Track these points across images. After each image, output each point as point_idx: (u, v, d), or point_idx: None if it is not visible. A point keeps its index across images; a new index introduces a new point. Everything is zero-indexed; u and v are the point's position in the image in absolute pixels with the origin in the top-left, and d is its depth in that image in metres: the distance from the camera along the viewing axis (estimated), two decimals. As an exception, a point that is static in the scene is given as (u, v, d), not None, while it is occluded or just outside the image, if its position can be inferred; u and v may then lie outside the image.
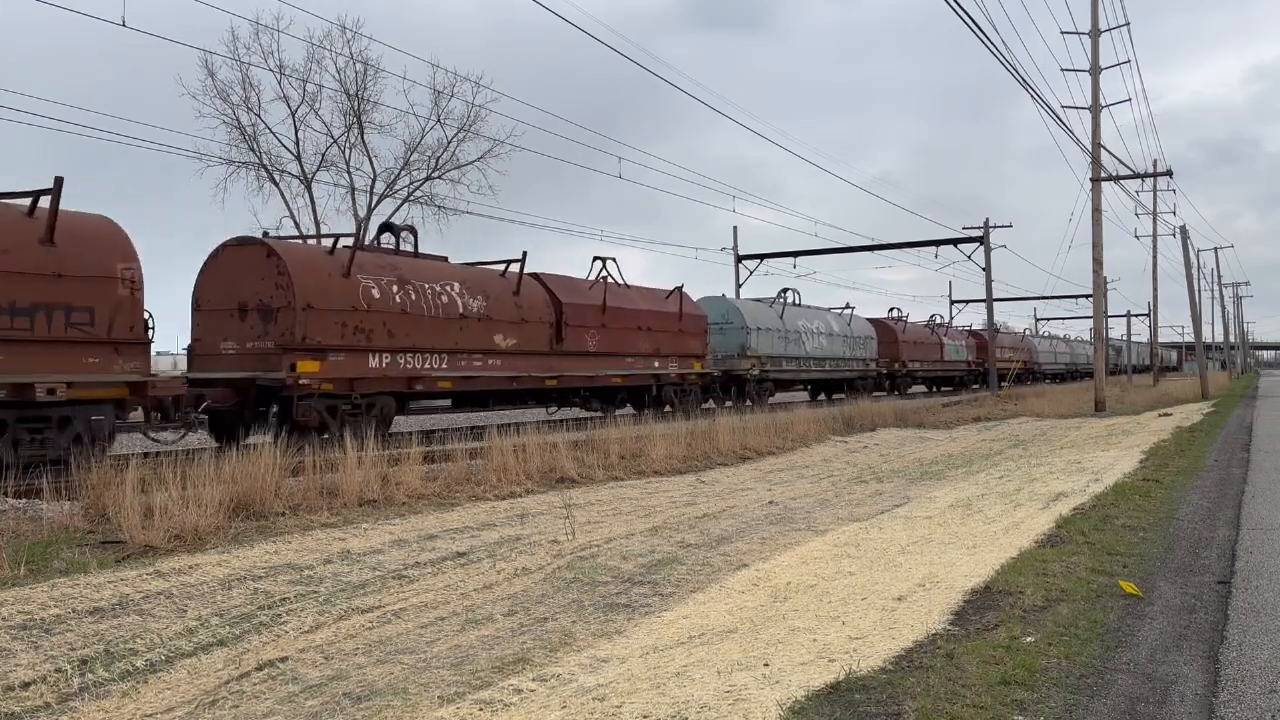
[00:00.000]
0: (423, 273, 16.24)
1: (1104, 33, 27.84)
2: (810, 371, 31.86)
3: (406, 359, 15.35)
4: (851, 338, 34.89)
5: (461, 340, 16.48)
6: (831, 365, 33.23)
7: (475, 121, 36.99)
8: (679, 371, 22.95)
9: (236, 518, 8.20)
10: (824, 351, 32.43)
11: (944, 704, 3.60)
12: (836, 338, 33.57)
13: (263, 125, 35.68)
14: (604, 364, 20.23)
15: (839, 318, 34.88)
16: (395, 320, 15.14)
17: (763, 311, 29.59)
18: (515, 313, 17.88)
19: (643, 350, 21.55)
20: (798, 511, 9.67)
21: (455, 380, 16.37)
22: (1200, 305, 46.88)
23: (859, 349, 35.41)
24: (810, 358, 31.51)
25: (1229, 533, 7.52)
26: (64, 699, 4.50)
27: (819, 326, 32.51)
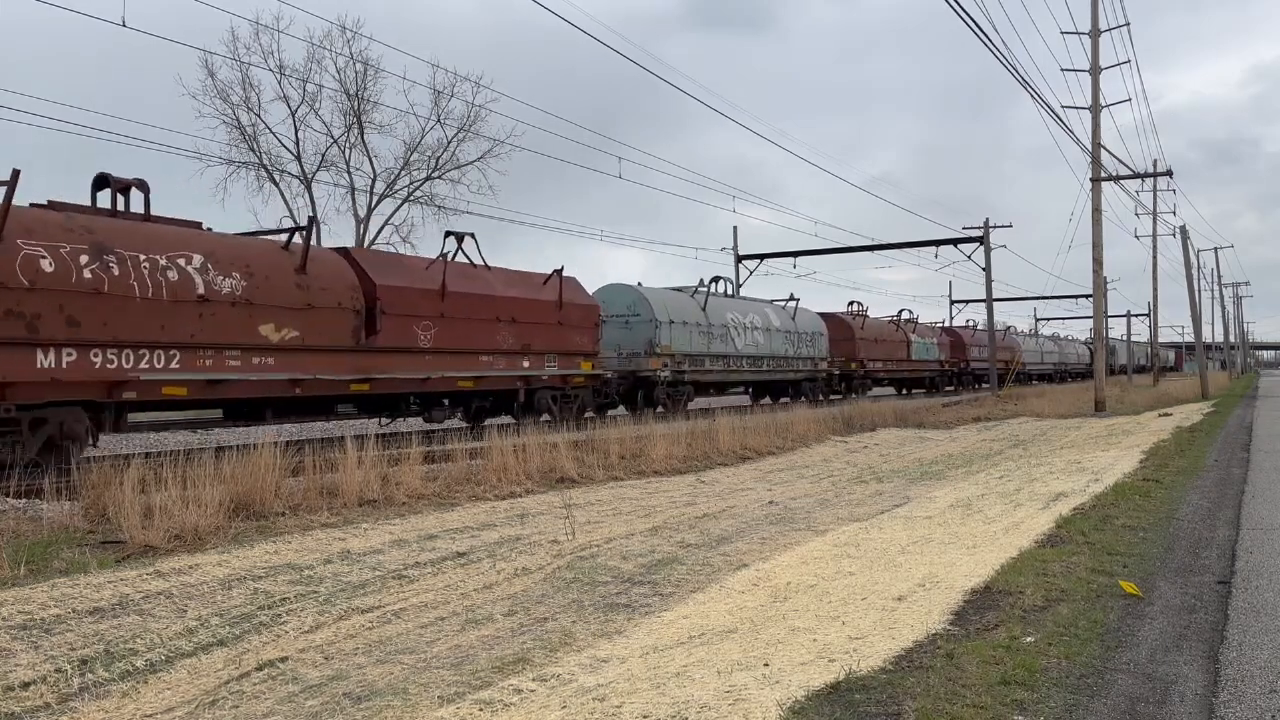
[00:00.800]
0: (139, 240, 11.76)
1: (1104, 33, 27.86)
2: (742, 372, 27.77)
3: (106, 356, 11.18)
4: (796, 334, 30.54)
5: (203, 331, 12.14)
6: (771, 365, 29.10)
7: (475, 121, 37.06)
8: (559, 373, 18.87)
9: (236, 518, 8.20)
10: (761, 349, 28.30)
11: (944, 704, 3.60)
12: (777, 333, 29.28)
13: (263, 125, 35.73)
14: (444, 363, 15.94)
15: (781, 310, 30.67)
16: (83, 302, 10.92)
17: (679, 302, 25.25)
18: (296, 296, 13.39)
19: (505, 347, 17.37)
20: (798, 511, 9.67)
21: (194, 385, 12.12)
22: (1200, 305, 46.91)
23: (806, 346, 31.14)
24: (743, 356, 27.32)
25: (1229, 533, 7.52)
26: (64, 699, 4.50)
27: (754, 320, 28.31)
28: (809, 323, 32.23)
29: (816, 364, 31.92)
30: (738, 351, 27.12)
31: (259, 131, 35.64)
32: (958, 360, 46.92)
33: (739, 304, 28.87)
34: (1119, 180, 29.38)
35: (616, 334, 23.01)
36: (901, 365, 40.07)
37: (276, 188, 36.44)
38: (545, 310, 18.61)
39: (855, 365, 35.48)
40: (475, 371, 16.75)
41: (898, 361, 39.54)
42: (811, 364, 31.56)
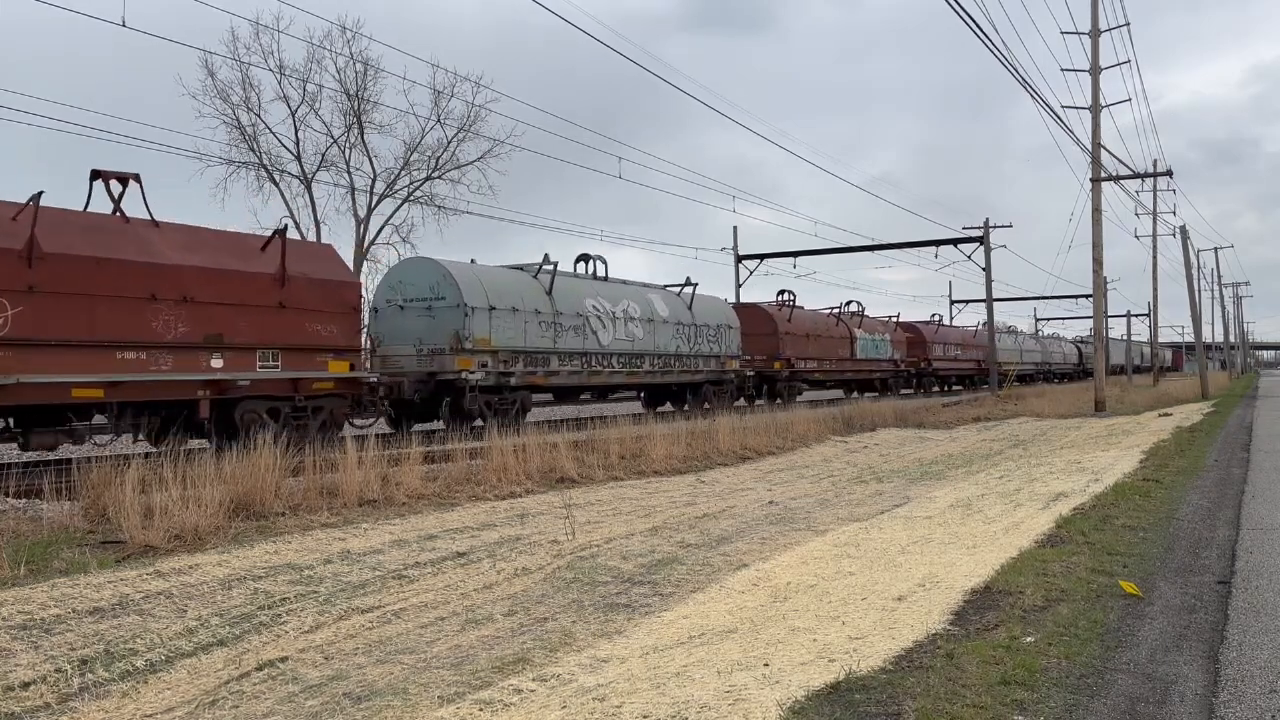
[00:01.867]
0: None
1: (1104, 33, 27.85)
2: (610, 374, 21.29)
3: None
4: (694, 327, 24.44)
5: None
6: (657, 365, 22.88)
7: (475, 121, 37.07)
8: (284, 376, 13.48)
9: (236, 518, 8.20)
10: (639, 345, 22.23)
11: (944, 704, 3.60)
12: (664, 326, 23.19)
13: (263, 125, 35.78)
14: (37, 362, 10.81)
15: (672, 298, 24.51)
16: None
17: (505, 283, 19.06)
18: None
19: (172, 338, 12.05)
20: (798, 511, 9.67)
21: None
22: (1200, 305, 46.91)
23: (708, 342, 25.00)
24: (611, 354, 21.23)
25: (1229, 533, 7.52)
26: (64, 699, 4.50)
27: (629, 309, 22.09)
28: (713, 313, 25.95)
29: (724, 363, 25.81)
30: (603, 348, 21.01)
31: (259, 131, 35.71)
32: (917, 359, 41.47)
33: (608, 288, 22.22)
34: (1119, 180, 29.39)
35: (418, 325, 17.74)
36: (843, 365, 34.30)
37: (276, 188, 36.51)
38: (255, 286, 13.13)
39: (780, 365, 29.64)
40: (108, 375, 11.44)
41: (838, 361, 33.76)
42: (717, 364, 25.52)
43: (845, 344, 34.73)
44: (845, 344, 34.73)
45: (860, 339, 35.77)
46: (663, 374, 23.33)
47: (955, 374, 47.50)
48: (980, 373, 48.77)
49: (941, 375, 45.52)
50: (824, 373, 33.15)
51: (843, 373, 34.75)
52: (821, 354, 32.53)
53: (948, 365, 45.59)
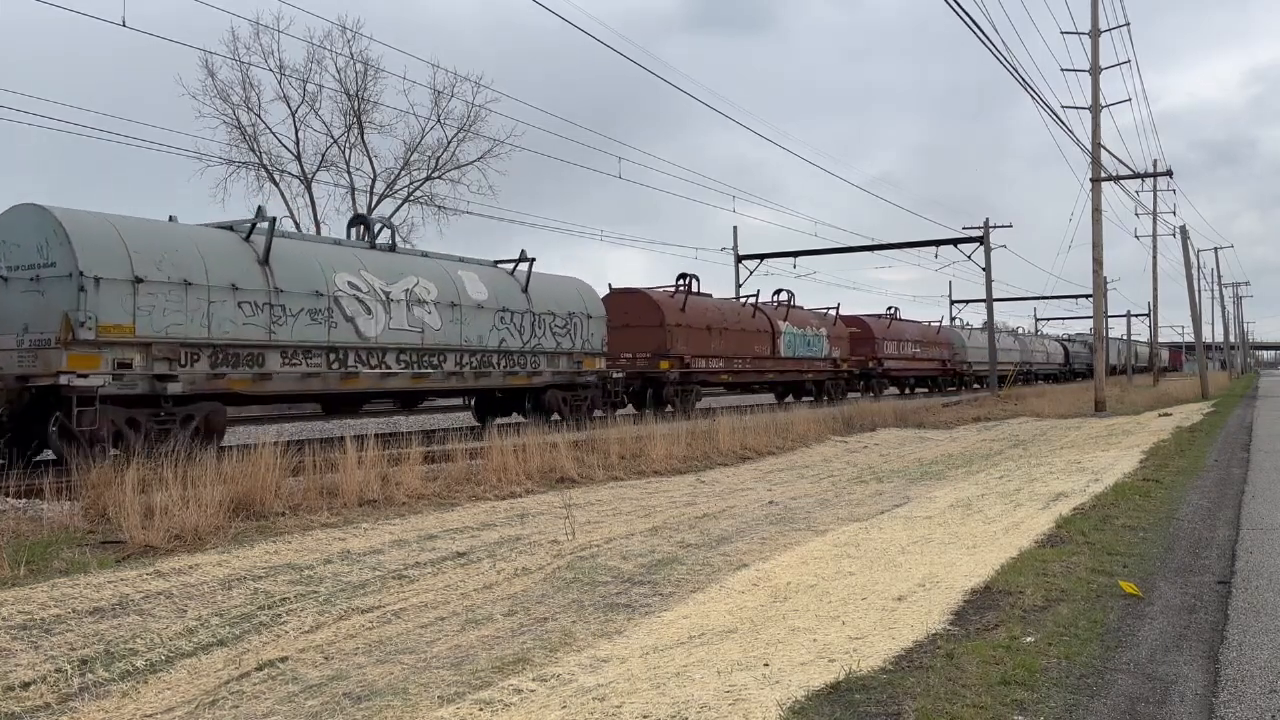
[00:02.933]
0: None
1: (1104, 33, 27.86)
2: (380, 374, 15.25)
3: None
4: (531, 315, 18.53)
5: None
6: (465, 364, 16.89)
7: (475, 121, 36.98)
8: None
9: (236, 518, 8.20)
10: (434, 337, 16.22)
11: (944, 704, 3.60)
12: (479, 312, 17.20)
13: (263, 125, 35.69)
14: None
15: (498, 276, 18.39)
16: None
17: (173, 243, 12.81)
18: None
19: None
20: (798, 511, 9.67)
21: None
22: (1200, 305, 46.91)
23: (553, 336, 19.07)
24: (381, 348, 15.22)
25: (1229, 533, 7.52)
26: (64, 699, 4.50)
27: (416, 289, 16.01)
28: (561, 298, 19.69)
29: (578, 362, 19.70)
30: (366, 340, 14.85)
31: (259, 131, 35.62)
32: (863, 358, 36.04)
33: (381, 260, 15.91)
34: (1119, 180, 29.39)
35: (24, 304, 11.86)
36: (761, 365, 28.33)
37: (276, 188, 36.44)
38: None
39: (668, 365, 23.61)
40: None
41: (754, 360, 27.82)
42: (569, 363, 19.44)
43: (765, 339, 28.55)
44: (765, 339, 28.55)
45: (786, 334, 29.76)
46: (477, 376, 17.17)
47: (913, 375, 41.56)
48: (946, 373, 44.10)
49: (895, 376, 39.79)
50: (734, 374, 26.96)
51: (762, 374, 28.68)
52: (730, 351, 26.59)
53: (903, 365, 39.83)
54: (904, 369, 40.26)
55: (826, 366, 32.63)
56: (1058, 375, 65.35)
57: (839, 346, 33.52)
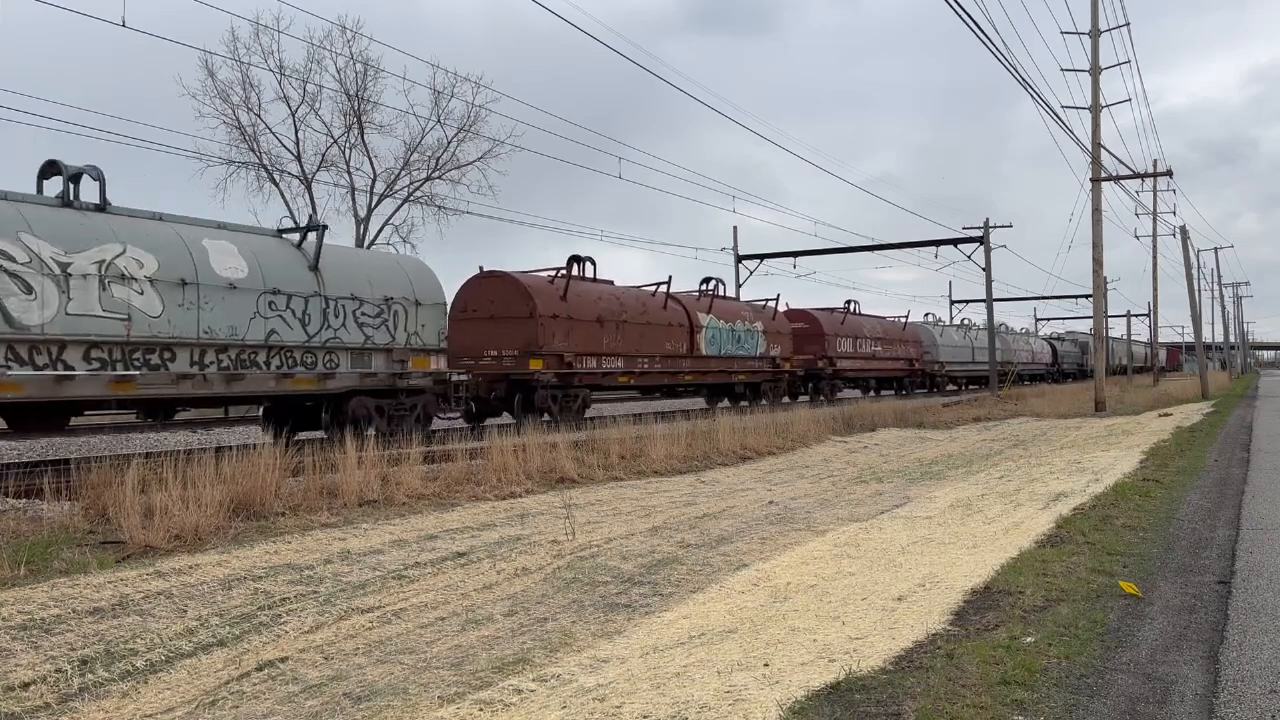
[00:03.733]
0: None
1: (1104, 33, 27.86)
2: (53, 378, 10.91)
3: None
4: (322, 299, 14.13)
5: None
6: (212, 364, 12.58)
7: (475, 122, 36.96)
8: None
9: (236, 518, 8.20)
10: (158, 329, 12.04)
11: (944, 704, 3.60)
12: (230, 295, 12.90)
13: (263, 125, 35.65)
14: None
15: (272, 247, 14.02)
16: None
17: None
18: None
19: None
20: (798, 511, 9.67)
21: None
22: (1200, 305, 46.91)
23: (356, 327, 14.61)
24: (54, 341, 11.00)
25: (1229, 533, 7.52)
26: (64, 699, 4.50)
27: (122, 261, 11.75)
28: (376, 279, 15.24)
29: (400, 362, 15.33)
30: (22, 329, 10.75)
31: (259, 131, 35.59)
32: (811, 357, 31.48)
33: (65, 220, 11.59)
34: (1119, 180, 29.39)
35: None
36: (676, 365, 24.01)
37: (276, 188, 36.42)
38: None
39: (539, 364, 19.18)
40: None
41: (666, 358, 23.47)
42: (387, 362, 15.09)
43: (680, 335, 24.21)
44: (680, 335, 24.21)
45: (709, 328, 25.44)
46: (229, 379, 12.86)
47: (874, 376, 37.10)
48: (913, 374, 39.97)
49: (852, 378, 35.28)
50: (637, 376, 22.48)
51: (676, 375, 24.27)
52: (633, 349, 22.27)
53: (861, 365, 35.26)
54: (862, 369, 35.61)
55: (763, 366, 28.05)
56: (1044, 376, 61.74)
57: (779, 344, 28.98)
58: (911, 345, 40.03)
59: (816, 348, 32.17)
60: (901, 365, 39.07)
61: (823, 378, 32.51)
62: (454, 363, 18.20)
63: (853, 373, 34.94)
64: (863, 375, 36.04)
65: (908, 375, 39.71)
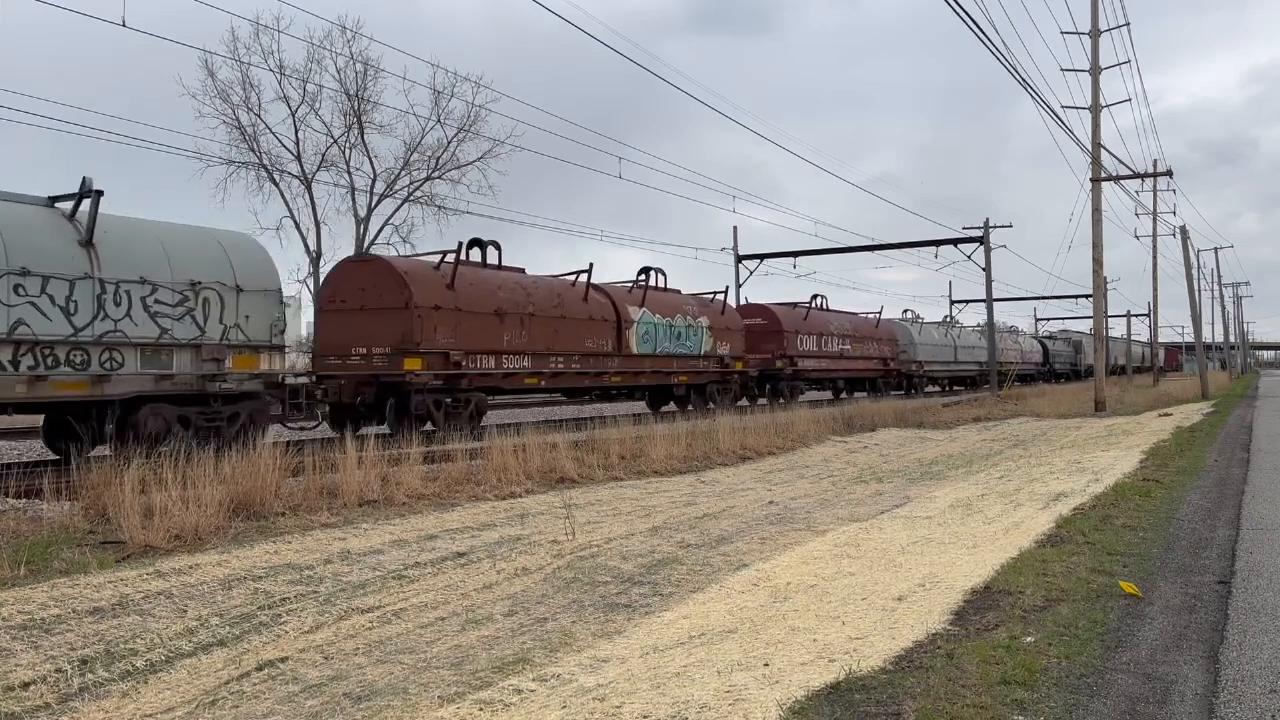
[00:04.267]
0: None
1: (1104, 33, 27.85)
2: None
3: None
4: (99, 283, 11.41)
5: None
6: None
7: (475, 122, 36.97)
8: None
9: (236, 518, 8.20)
10: None
11: (944, 704, 3.60)
12: None
13: (263, 125, 35.68)
14: None
15: (17, 214, 11.16)
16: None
17: None
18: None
19: None
20: (798, 511, 9.67)
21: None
22: (1200, 305, 46.91)
23: (150, 317, 11.89)
24: None
25: (1229, 533, 7.52)
26: (64, 699, 4.50)
27: None
28: (180, 259, 12.49)
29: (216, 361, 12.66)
30: None
31: (259, 131, 35.63)
32: (769, 356, 28.36)
33: None
34: (1119, 180, 29.39)
35: None
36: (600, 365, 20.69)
37: (276, 188, 36.46)
38: None
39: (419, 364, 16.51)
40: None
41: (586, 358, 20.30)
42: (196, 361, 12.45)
43: (605, 330, 20.91)
44: (605, 330, 20.91)
45: (642, 323, 22.16)
46: None
47: (842, 376, 33.23)
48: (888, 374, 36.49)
49: (816, 378, 31.61)
50: (548, 377, 19.32)
51: (600, 375, 20.75)
52: (544, 346, 19.12)
53: (826, 366, 31.54)
54: (828, 370, 31.85)
55: (708, 366, 24.56)
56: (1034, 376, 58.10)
57: (729, 341, 25.49)
58: (885, 343, 36.53)
59: (774, 346, 28.91)
60: (874, 365, 35.71)
61: (781, 378, 28.96)
62: (320, 363, 16.63)
63: (817, 373, 31.31)
64: (828, 376, 32.38)
65: (881, 376, 36.13)
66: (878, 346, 36.00)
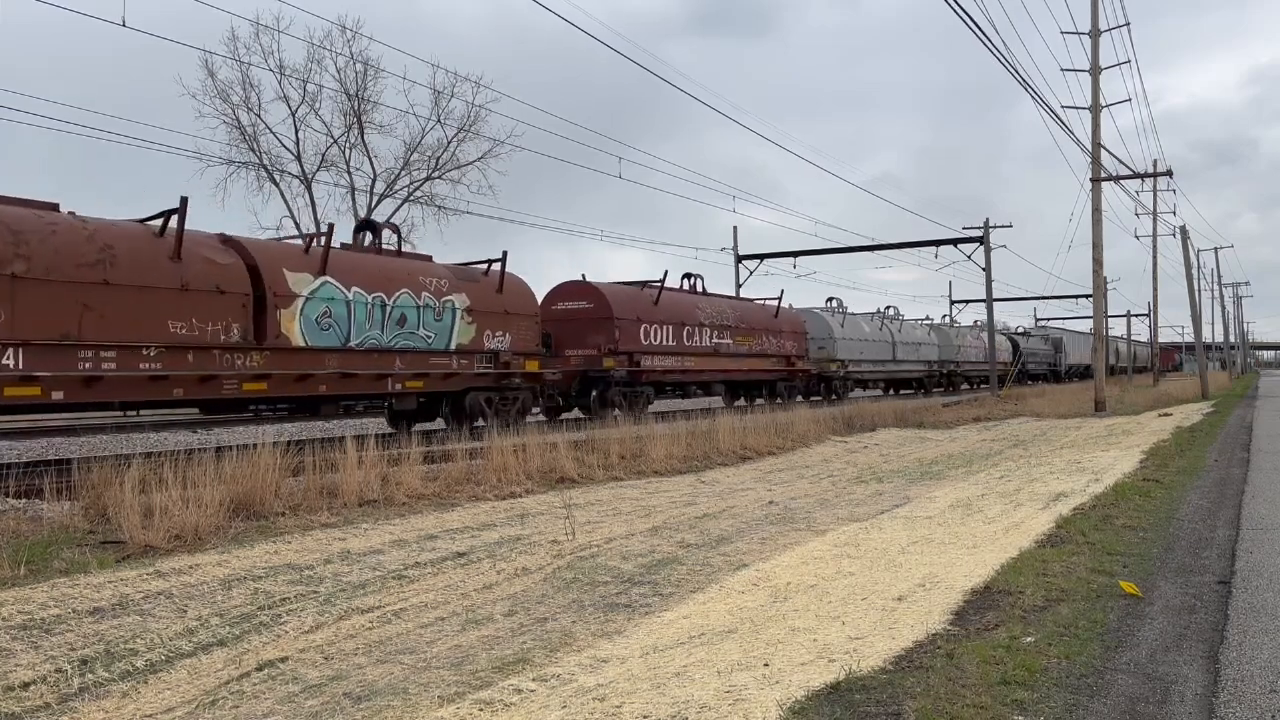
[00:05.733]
0: None
1: (1104, 33, 27.86)
2: None
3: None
4: None
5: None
6: None
7: (475, 121, 36.98)
8: None
9: (236, 518, 8.20)
10: None
11: (944, 704, 3.60)
12: None
13: (263, 125, 35.68)
14: None
15: None
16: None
17: None
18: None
19: None
20: (798, 511, 9.67)
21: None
22: (1200, 305, 46.92)
23: None
24: None
25: (1229, 533, 7.52)
26: (64, 699, 4.49)
27: None
28: None
29: None
30: None
31: (259, 131, 35.65)
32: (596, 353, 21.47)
33: None
34: (1119, 180, 29.40)
35: None
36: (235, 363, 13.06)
37: (277, 188, 36.47)
38: None
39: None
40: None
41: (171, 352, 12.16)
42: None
43: (227, 310, 13.15)
44: (227, 310, 13.15)
45: (317, 299, 14.46)
46: None
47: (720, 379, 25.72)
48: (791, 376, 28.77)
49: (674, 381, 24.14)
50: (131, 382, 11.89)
51: (229, 380, 13.07)
52: (116, 334, 11.78)
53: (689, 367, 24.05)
54: (693, 371, 24.22)
55: (464, 368, 17.07)
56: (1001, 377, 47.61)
57: (510, 330, 18.12)
58: (788, 338, 28.65)
59: (603, 339, 21.59)
60: (770, 365, 27.76)
61: (613, 382, 21.63)
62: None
63: (675, 375, 23.68)
64: (695, 379, 24.71)
65: (783, 378, 28.59)
66: (777, 341, 28.04)
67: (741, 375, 26.85)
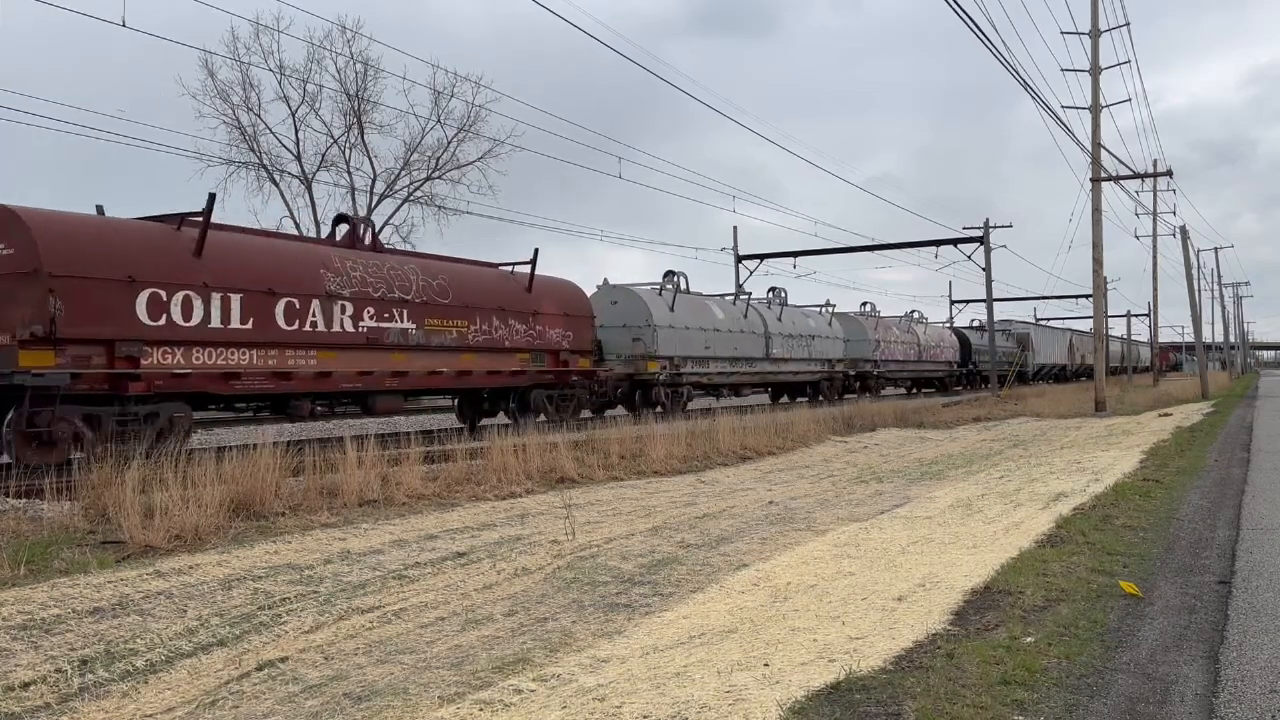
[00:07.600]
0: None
1: (1104, 33, 27.86)
2: None
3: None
4: None
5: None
6: None
7: (475, 122, 36.95)
8: None
9: (237, 518, 8.20)
10: None
11: (944, 704, 3.60)
12: None
13: (263, 125, 35.67)
14: None
15: None
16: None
17: None
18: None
19: None
20: (798, 511, 9.67)
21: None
22: (1200, 305, 46.93)
23: None
24: None
25: (1229, 533, 7.52)
26: (64, 699, 4.49)
27: None
28: None
29: None
30: None
31: (259, 131, 35.63)
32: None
33: None
34: (1119, 180, 29.40)
35: None
36: None
37: (276, 188, 36.47)
38: None
39: None
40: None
41: None
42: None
43: None
44: None
45: None
46: None
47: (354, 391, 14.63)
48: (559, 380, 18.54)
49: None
50: None
51: None
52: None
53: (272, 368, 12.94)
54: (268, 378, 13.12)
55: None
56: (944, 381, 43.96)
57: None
58: (556, 321, 18.89)
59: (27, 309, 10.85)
60: (515, 365, 17.73)
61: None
62: None
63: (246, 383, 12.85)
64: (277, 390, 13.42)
65: (551, 382, 18.87)
66: (528, 330, 18.11)
67: (460, 385, 17.06)
